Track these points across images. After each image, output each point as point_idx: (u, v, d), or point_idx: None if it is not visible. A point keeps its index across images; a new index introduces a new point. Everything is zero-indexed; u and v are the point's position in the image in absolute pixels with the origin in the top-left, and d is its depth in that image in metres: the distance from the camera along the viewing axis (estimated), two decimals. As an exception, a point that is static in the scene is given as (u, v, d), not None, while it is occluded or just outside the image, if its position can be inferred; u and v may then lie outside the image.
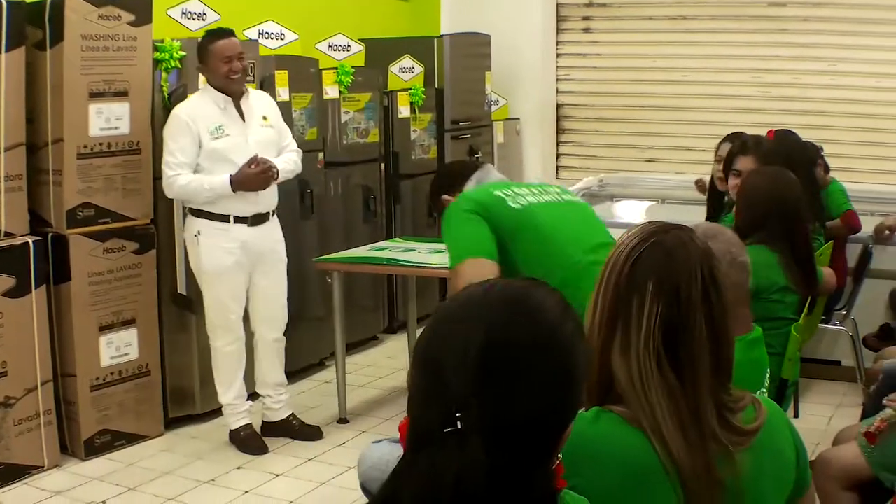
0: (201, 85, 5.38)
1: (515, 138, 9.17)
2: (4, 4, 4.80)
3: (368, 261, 6.01)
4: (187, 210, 5.32)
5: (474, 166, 4.16)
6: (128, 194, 5.37)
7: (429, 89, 7.93)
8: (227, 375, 5.39)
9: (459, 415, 1.41)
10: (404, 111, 7.69)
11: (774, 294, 3.96)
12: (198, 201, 5.19)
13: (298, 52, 6.94)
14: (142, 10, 5.31)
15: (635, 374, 1.90)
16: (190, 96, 5.34)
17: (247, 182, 5.15)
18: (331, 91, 6.96)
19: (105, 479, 5.02)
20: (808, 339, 5.17)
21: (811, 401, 6.00)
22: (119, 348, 5.37)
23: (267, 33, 6.72)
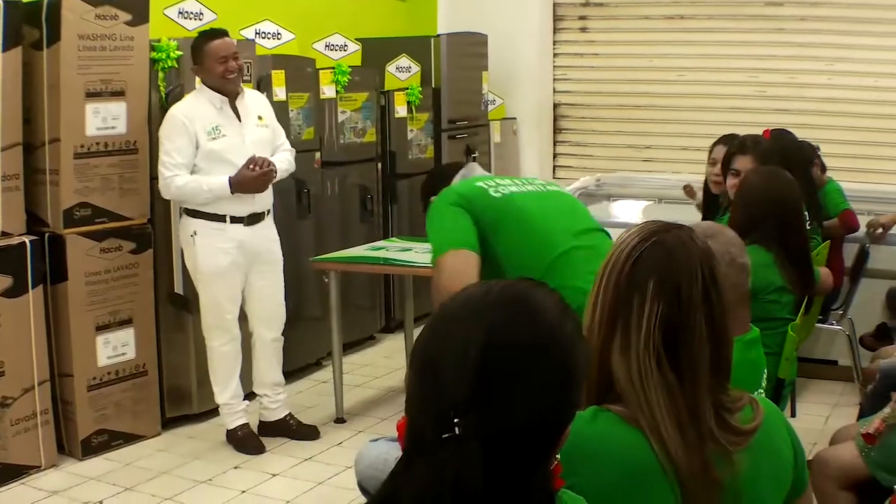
0: (197, 85, 5.37)
1: (512, 138, 9.17)
2: (1, 4, 4.80)
3: (365, 260, 6.01)
4: (182, 210, 5.31)
5: (459, 166, 4.18)
6: (124, 194, 5.36)
7: (425, 89, 7.92)
8: (224, 375, 5.39)
9: (457, 421, 1.41)
10: (401, 111, 7.69)
11: (771, 294, 3.96)
12: (196, 202, 5.19)
13: (295, 52, 6.93)
14: (139, 10, 5.30)
15: (635, 374, 1.89)
16: (186, 96, 5.33)
17: (246, 184, 5.15)
18: (327, 91, 6.96)
19: (102, 479, 5.02)
20: (805, 339, 5.17)
21: (808, 400, 6.00)
22: (116, 348, 5.37)
23: (263, 33, 6.71)
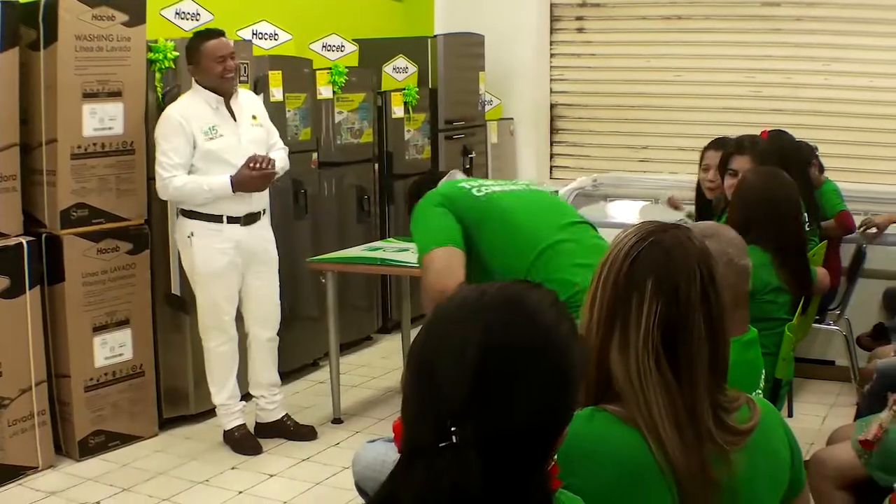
0: (192, 85, 5.37)
1: (509, 138, 9.18)
2: (-2, 5, 4.81)
3: (362, 261, 6.01)
4: (179, 211, 5.30)
5: (442, 174, 4.22)
6: (121, 195, 5.36)
7: (422, 89, 7.93)
8: (221, 376, 5.39)
9: (455, 429, 1.40)
10: (398, 111, 7.69)
11: (768, 294, 3.97)
12: (195, 202, 5.18)
13: (292, 53, 6.93)
14: (135, 11, 5.30)
15: (633, 373, 1.89)
16: (181, 97, 5.33)
17: (247, 183, 5.16)
18: (324, 91, 6.96)
19: (99, 480, 5.01)
20: (802, 339, 5.18)
21: (805, 400, 6.01)
22: (113, 349, 5.36)
23: (260, 33, 6.71)
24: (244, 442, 5.41)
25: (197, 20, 6.02)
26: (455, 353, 1.45)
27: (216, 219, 5.20)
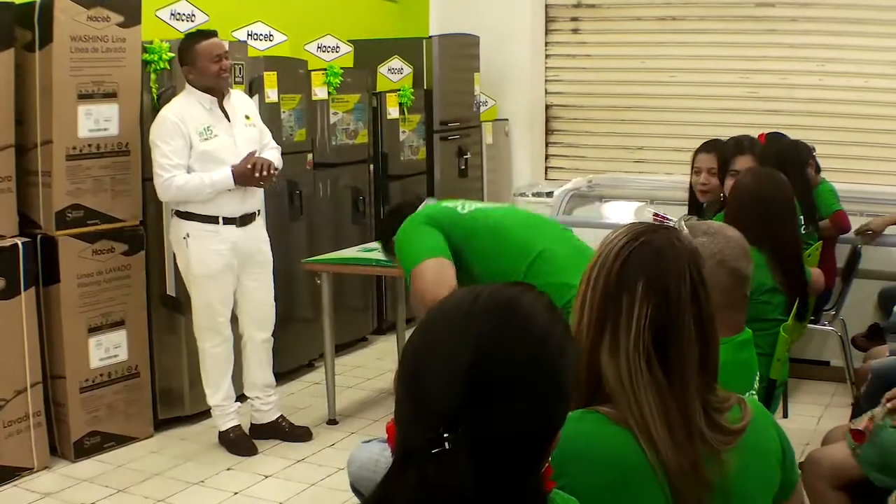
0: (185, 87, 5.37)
1: (504, 139, 9.18)
2: (-7, 6, 4.81)
3: (357, 262, 6.00)
4: (174, 213, 5.29)
5: (418, 202, 4.25)
6: (117, 196, 5.36)
7: (417, 90, 7.93)
8: (216, 377, 5.39)
9: (447, 436, 1.38)
10: (393, 112, 7.69)
11: (763, 295, 3.96)
12: (197, 199, 5.17)
13: (287, 54, 6.93)
14: (131, 12, 5.30)
15: (624, 374, 1.89)
16: (174, 98, 5.32)
17: (247, 179, 5.18)
18: (319, 92, 6.96)
19: (95, 481, 5.01)
20: (797, 340, 5.18)
21: (800, 401, 6.01)
22: (108, 350, 5.36)
23: (255, 34, 6.71)
24: (239, 443, 5.41)
25: (192, 21, 6.02)
26: (448, 358, 1.44)
27: (212, 220, 5.20)
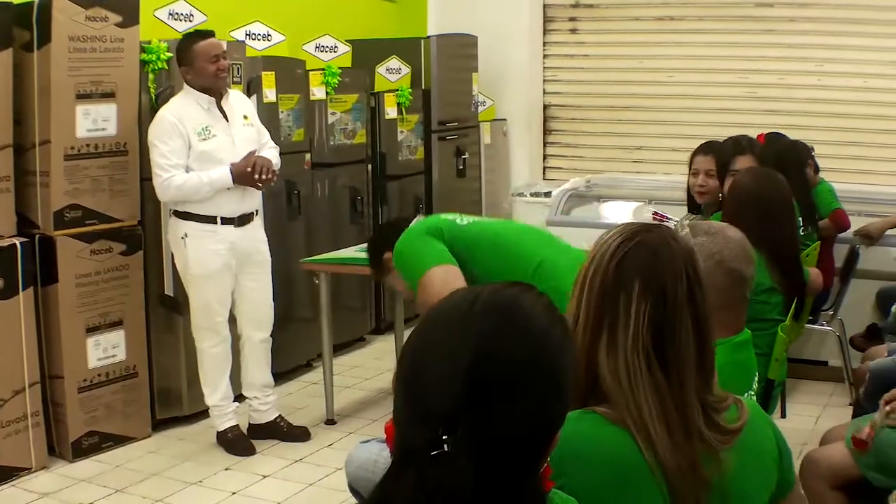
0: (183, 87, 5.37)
1: (502, 139, 9.18)
2: (-9, 6, 4.80)
3: (355, 262, 5.98)
4: (172, 212, 5.29)
5: (409, 218, 4.25)
6: (115, 196, 5.36)
7: (416, 90, 7.93)
8: (214, 377, 5.39)
9: (446, 438, 1.37)
10: (391, 112, 7.69)
11: (760, 295, 3.96)
12: (196, 198, 5.16)
13: (285, 54, 6.93)
14: (129, 12, 5.30)
15: (623, 374, 1.88)
16: (172, 98, 5.31)
17: (245, 179, 5.19)
18: (318, 92, 6.95)
19: (92, 481, 5.01)
20: (795, 340, 5.18)
21: (798, 401, 6.02)
22: (106, 350, 5.36)
23: (254, 34, 6.71)
24: (237, 443, 5.41)
25: (190, 21, 6.02)
26: (447, 359, 1.43)
27: (210, 220, 5.20)
